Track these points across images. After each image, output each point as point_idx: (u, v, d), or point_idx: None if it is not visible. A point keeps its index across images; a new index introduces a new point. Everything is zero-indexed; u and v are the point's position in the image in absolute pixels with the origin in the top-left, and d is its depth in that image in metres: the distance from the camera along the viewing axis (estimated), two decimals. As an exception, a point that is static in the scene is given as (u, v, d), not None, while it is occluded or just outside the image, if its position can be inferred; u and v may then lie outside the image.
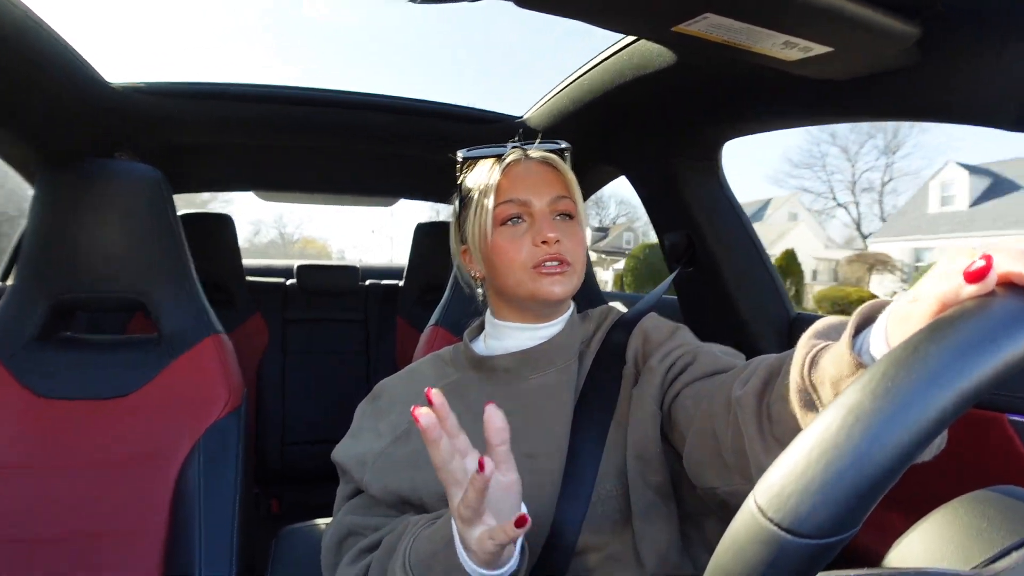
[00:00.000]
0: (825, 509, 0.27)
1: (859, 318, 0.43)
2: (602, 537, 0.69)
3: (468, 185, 0.78)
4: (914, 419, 0.26)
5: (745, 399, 0.53)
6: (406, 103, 1.44)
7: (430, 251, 2.02)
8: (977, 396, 0.26)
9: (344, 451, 0.77)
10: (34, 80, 1.01)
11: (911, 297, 0.36)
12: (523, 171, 0.75)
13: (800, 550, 0.27)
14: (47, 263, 0.99)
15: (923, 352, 0.28)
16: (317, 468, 2.05)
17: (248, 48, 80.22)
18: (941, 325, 0.29)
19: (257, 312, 2.09)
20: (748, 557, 0.28)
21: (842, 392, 0.29)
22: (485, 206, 0.73)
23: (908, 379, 0.27)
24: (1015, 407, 0.84)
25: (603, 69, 1.09)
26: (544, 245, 0.71)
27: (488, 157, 0.78)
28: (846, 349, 0.40)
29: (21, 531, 0.89)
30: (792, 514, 0.27)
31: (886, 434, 0.26)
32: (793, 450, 0.29)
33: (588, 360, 0.78)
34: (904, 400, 0.27)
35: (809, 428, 0.29)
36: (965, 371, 0.26)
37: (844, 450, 0.27)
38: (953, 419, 0.26)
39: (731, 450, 0.55)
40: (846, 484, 0.26)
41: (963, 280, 0.30)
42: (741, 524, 0.29)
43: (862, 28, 0.64)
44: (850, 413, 0.28)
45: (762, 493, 0.29)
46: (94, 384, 0.98)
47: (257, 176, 1.98)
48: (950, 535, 0.36)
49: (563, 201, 0.75)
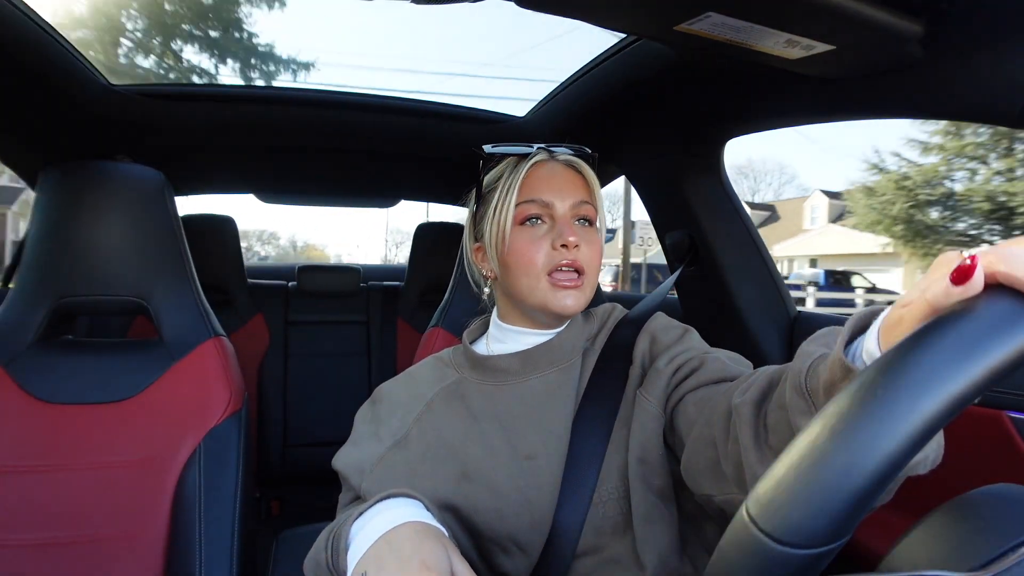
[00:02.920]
0: (815, 519, 0.26)
1: (853, 326, 0.42)
2: (603, 539, 0.68)
3: (489, 182, 0.77)
4: (902, 427, 0.26)
5: (743, 408, 0.52)
6: (407, 104, 1.44)
7: (431, 253, 2.02)
8: (967, 401, 0.26)
9: (344, 458, 0.76)
10: (36, 82, 1.01)
11: (903, 302, 0.36)
12: (548, 172, 0.74)
13: (791, 560, 0.27)
14: (48, 266, 0.99)
15: (909, 359, 0.27)
16: (318, 470, 2.04)
17: (250, 50, 79.99)
18: (928, 331, 0.28)
19: (258, 314, 2.09)
20: (741, 568, 0.28)
21: (830, 401, 0.29)
22: (506, 203, 0.72)
23: (895, 386, 0.27)
24: (1015, 404, 0.84)
25: (605, 69, 1.09)
26: (563, 249, 0.71)
27: (513, 155, 0.76)
28: (839, 356, 0.40)
29: (22, 535, 0.89)
30: (783, 524, 0.27)
31: (874, 442, 0.26)
32: (783, 460, 0.29)
33: (591, 359, 0.77)
34: (891, 408, 0.26)
35: (798, 438, 0.29)
36: (952, 376, 0.26)
37: (832, 460, 0.27)
38: (942, 425, 0.26)
39: (729, 460, 0.54)
40: (835, 494, 0.26)
41: (950, 283, 0.30)
42: (734, 534, 0.29)
43: (864, 26, 0.64)
44: (838, 422, 0.28)
45: (754, 503, 0.29)
46: (95, 388, 0.97)
47: (257, 178, 1.98)
48: (950, 534, 0.35)
49: (585, 206, 0.74)
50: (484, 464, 0.71)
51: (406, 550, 0.53)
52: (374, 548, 0.54)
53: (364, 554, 0.54)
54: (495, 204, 0.74)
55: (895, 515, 0.84)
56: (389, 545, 0.54)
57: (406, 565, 0.51)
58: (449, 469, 0.71)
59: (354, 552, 0.56)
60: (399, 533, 0.55)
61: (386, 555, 0.53)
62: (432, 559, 0.52)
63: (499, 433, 0.73)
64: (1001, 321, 0.27)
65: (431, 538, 0.55)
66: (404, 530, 0.56)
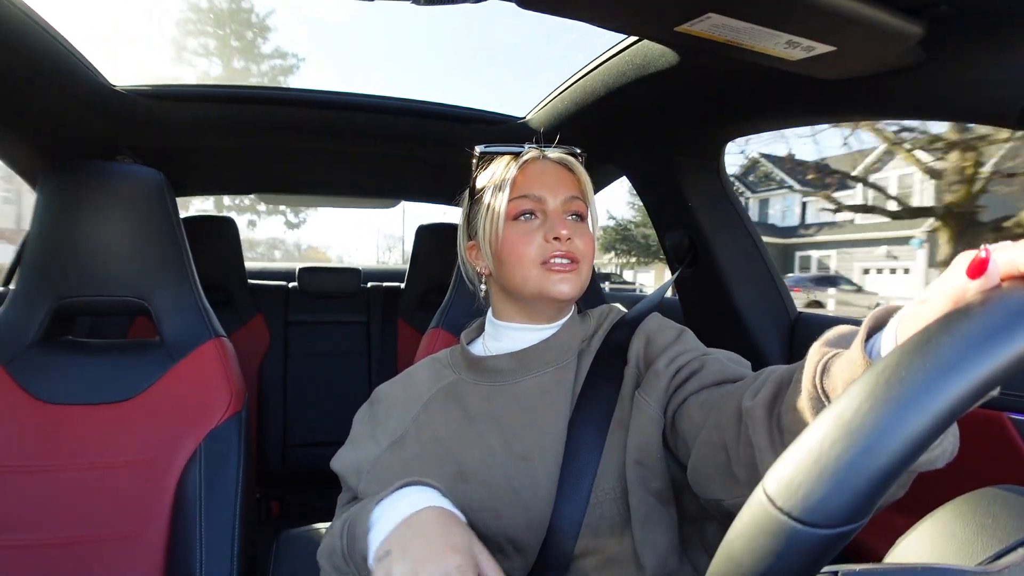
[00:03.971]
0: (835, 498, 0.26)
1: (870, 323, 0.42)
2: (600, 540, 0.68)
3: (482, 180, 0.79)
4: (927, 407, 0.26)
5: (755, 410, 0.52)
6: (407, 104, 1.44)
7: (431, 254, 2.02)
8: (990, 386, 0.26)
9: (342, 459, 0.77)
10: (36, 82, 1.01)
11: (921, 299, 0.36)
12: (540, 169, 0.76)
13: (810, 539, 0.27)
14: (49, 267, 0.98)
15: (936, 342, 0.27)
16: (318, 471, 2.04)
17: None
18: (952, 317, 0.28)
19: (259, 314, 2.09)
20: (757, 547, 0.28)
21: (854, 383, 0.29)
22: (499, 199, 0.74)
23: (922, 367, 0.27)
24: (1015, 406, 0.84)
25: (605, 70, 1.09)
26: (556, 241, 0.72)
27: (505, 154, 0.78)
28: (859, 353, 0.40)
29: (22, 536, 0.89)
30: (802, 503, 0.27)
31: (898, 421, 0.26)
32: (804, 439, 0.29)
33: (587, 360, 0.77)
34: (917, 387, 0.26)
35: (820, 417, 0.29)
36: (977, 361, 0.26)
37: (856, 438, 0.27)
38: (966, 410, 0.26)
39: (742, 463, 0.54)
40: (857, 472, 0.26)
41: (967, 277, 0.31)
42: (749, 514, 0.29)
43: (865, 27, 0.64)
44: (863, 402, 0.27)
45: (772, 482, 0.29)
46: (96, 388, 0.97)
47: (258, 179, 1.98)
48: (953, 532, 0.35)
49: (576, 202, 0.75)
50: (480, 464, 0.71)
51: (431, 532, 0.54)
52: (398, 531, 0.55)
53: (387, 536, 0.55)
54: (488, 201, 0.75)
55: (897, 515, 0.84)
56: (413, 528, 0.55)
57: (433, 546, 0.52)
58: (445, 469, 0.71)
59: (375, 535, 0.57)
60: (422, 517, 0.56)
61: (410, 537, 0.54)
62: (458, 541, 0.53)
63: (495, 434, 0.73)
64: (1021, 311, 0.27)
65: (454, 522, 0.56)
66: (427, 514, 0.56)
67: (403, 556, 0.52)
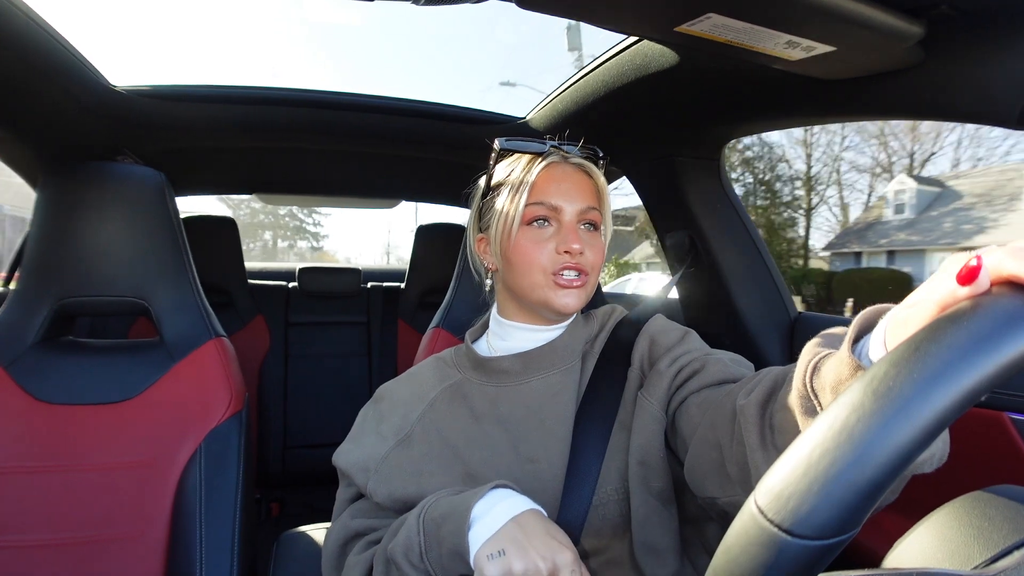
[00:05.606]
0: (825, 510, 0.26)
1: (859, 325, 0.42)
2: (602, 541, 0.68)
3: (499, 176, 0.77)
4: (915, 417, 0.26)
5: (748, 408, 0.52)
6: (407, 104, 1.44)
7: (431, 254, 2.02)
8: (978, 394, 0.26)
9: (345, 455, 0.76)
10: (37, 83, 1.01)
11: (909, 303, 0.36)
12: (559, 174, 0.74)
13: (800, 552, 0.27)
14: (49, 267, 0.98)
15: (923, 351, 0.27)
16: (318, 471, 2.05)
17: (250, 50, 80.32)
18: (940, 325, 0.28)
19: (259, 315, 2.09)
20: (748, 559, 0.28)
21: (842, 394, 0.29)
22: (515, 202, 0.73)
23: (909, 378, 0.27)
24: (1015, 406, 0.84)
25: (605, 70, 1.09)
26: (567, 254, 0.71)
27: (525, 152, 0.76)
28: (846, 354, 0.40)
29: (22, 536, 0.89)
30: (792, 515, 0.27)
31: (887, 432, 0.26)
32: (794, 450, 0.29)
33: (591, 361, 0.77)
34: (905, 398, 0.26)
35: (810, 428, 0.29)
36: (964, 370, 0.26)
37: (845, 449, 0.27)
38: (954, 418, 0.26)
39: (734, 462, 0.54)
40: (847, 484, 0.26)
41: (957, 283, 0.30)
42: (741, 526, 0.29)
43: (865, 28, 0.64)
44: (851, 413, 0.27)
45: (763, 494, 0.29)
46: (96, 389, 0.97)
47: (259, 179, 1.98)
48: (951, 535, 0.35)
49: (592, 212, 0.74)
50: (487, 466, 0.71)
51: (540, 532, 0.57)
52: (506, 530, 0.57)
53: (495, 534, 0.57)
54: (503, 201, 0.74)
55: (896, 516, 0.84)
56: (522, 528, 0.57)
57: (547, 543, 0.56)
58: (454, 469, 0.71)
59: (478, 533, 0.58)
60: (528, 518, 0.58)
61: (520, 536, 0.56)
62: (565, 540, 0.57)
63: (502, 435, 0.73)
64: (1012, 317, 0.27)
65: (552, 523, 0.59)
66: (532, 515, 0.59)
67: (520, 553, 0.55)
